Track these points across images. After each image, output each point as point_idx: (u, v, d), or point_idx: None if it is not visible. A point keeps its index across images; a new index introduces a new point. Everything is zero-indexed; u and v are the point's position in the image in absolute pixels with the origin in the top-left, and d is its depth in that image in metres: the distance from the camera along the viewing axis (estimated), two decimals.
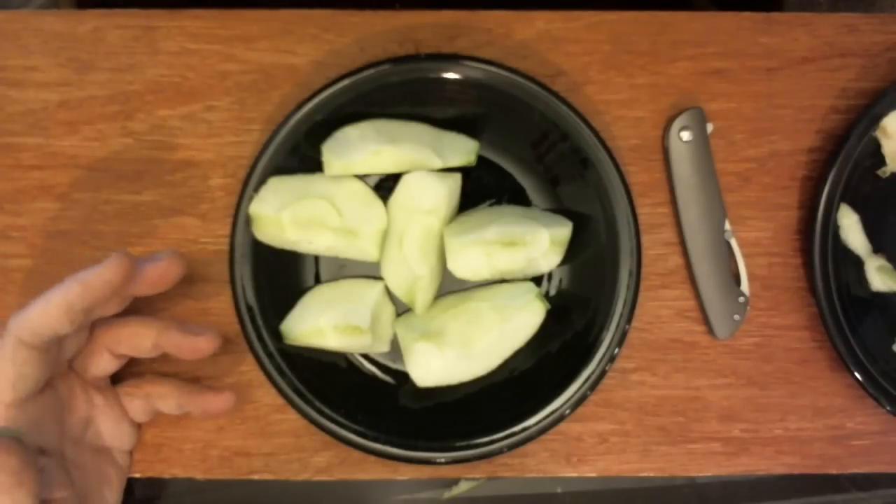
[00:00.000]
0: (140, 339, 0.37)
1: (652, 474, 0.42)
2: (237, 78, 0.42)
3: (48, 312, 0.33)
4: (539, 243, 0.39)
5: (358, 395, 0.40)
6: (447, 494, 0.43)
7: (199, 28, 0.43)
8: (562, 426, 0.39)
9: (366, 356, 0.42)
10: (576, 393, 0.38)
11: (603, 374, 0.38)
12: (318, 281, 0.42)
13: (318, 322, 0.38)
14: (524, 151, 0.41)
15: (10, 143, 0.42)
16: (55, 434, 0.36)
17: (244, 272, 0.38)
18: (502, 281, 0.42)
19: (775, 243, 0.43)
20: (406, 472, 0.41)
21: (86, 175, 0.42)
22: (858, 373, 0.40)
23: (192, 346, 0.36)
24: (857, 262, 0.43)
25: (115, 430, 0.39)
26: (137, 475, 0.41)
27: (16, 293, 0.42)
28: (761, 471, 0.42)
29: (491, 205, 0.42)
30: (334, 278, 0.42)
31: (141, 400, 0.39)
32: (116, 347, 0.37)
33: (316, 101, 0.38)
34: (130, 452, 0.41)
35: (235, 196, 0.38)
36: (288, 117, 0.38)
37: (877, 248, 0.43)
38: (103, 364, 0.38)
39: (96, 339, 0.37)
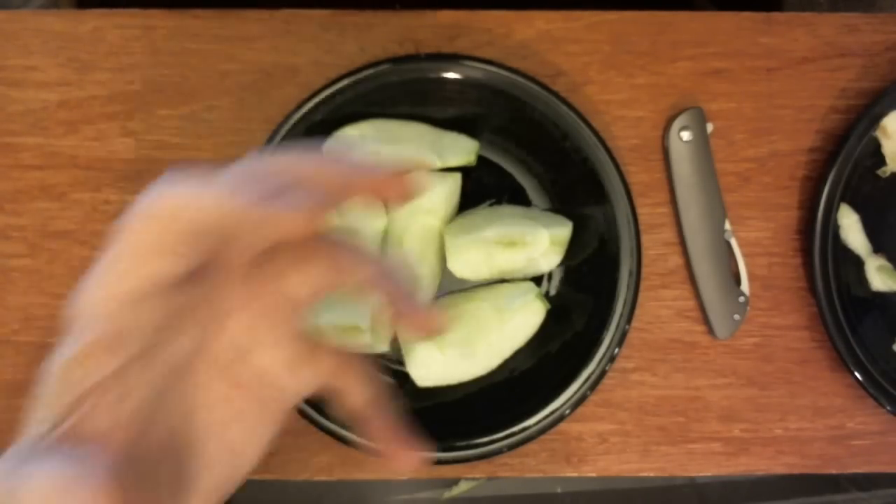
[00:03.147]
0: (356, 269, 0.26)
1: (652, 474, 0.42)
2: (237, 78, 0.42)
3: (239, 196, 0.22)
4: (539, 243, 0.39)
5: None
6: (447, 494, 0.43)
7: (199, 28, 0.43)
8: (562, 426, 0.39)
9: (366, 356, 0.42)
10: (576, 393, 0.38)
11: (603, 374, 0.38)
12: None
13: (318, 322, 0.38)
14: (524, 151, 0.41)
15: (10, 142, 0.42)
16: (191, 337, 0.26)
17: None
18: (502, 281, 0.42)
19: (775, 243, 0.43)
20: (406, 472, 0.41)
21: (85, 175, 0.42)
22: (858, 373, 0.40)
23: (412, 313, 0.26)
24: (857, 262, 0.43)
25: (284, 370, 0.28)
26: None
27: (16, 293, 0.42)
28: (761, 471, 0.42)
29: (491, 205, 0.42)
30: None
31: (325, 370, 0.29)
32: (323, 273, 0.27)
33: (316, 100, 0.38)
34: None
35: None
36: (288, 117, 0.38)
37: (877, 247, 0.43)
38: (301, 283, 0.27)
39: (288, 251, 0.27)
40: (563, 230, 0.40)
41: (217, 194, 0.22)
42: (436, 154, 0.39)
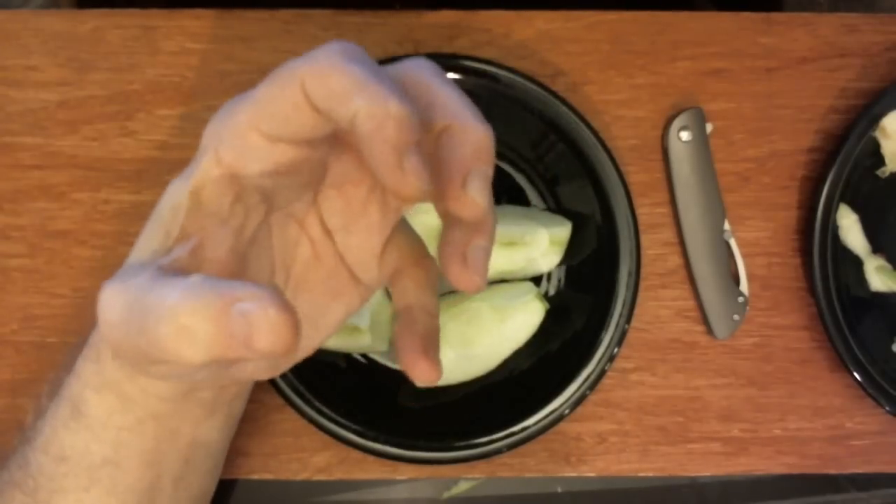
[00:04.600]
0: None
1: (651, 474, 0.42)
2: (237, 78, 0.42)
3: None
4: (538, 243, 0.39)
5: (357, 395, 0.40)
6: (446, 494, 0.43)
7: (199, 28, 0.43)
8: (561, 426, 0.39)
9: (365, 356, 0.42)
10: (575, 393, 0.38)
11: (602, 373, 0.38)
12: None
13: None
14: (523, 151, 0.41)
15: (9, 142, 0.42)
16: (297, 195, 0.26)
17: None
18: (502, 281, 0.42)
19: (775, 243, 0.43)
20: (405, 472, 0.41)
21: (85, 175, 0.42)
22: (858, 373, 0.40)
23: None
24: (857, 262, 0.43)
25: (364, 263, 0.28)
26: None
27: (15, 293, 0.42)
28: (760, 471, 0.42)
29: None
30: None
31: (392, 265, 0.28)
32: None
33: None
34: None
35: None
36: None
37: (876, 248, 0.43)
38: None
39: None
40: (562, 230, 0.40)
41: (368, 81, 0.21)
42: None
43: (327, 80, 0.21)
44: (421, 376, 0.28)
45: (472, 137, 0.22)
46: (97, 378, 0.28)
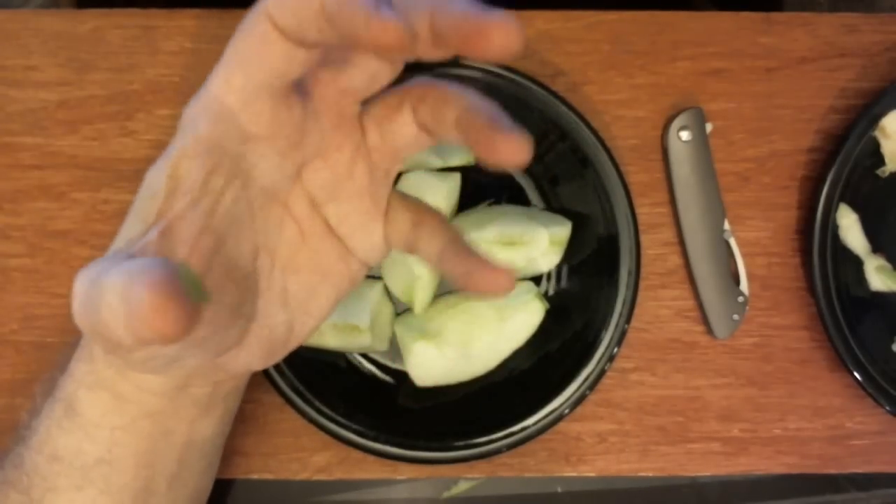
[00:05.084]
0: (447, 108, 0.25)
1: (651, 474, 0.42)
2: None
3: None
4: (538, 243, 0.39)
5: (357, 395, 0.40)
6: (446, 494, 0.43)
7: (198, 28, 0.43)
8: (561, 426, 0.39)
9: (365, 356, 0.42)
10: (575, 393, 0.38)
11: (602, 373, 0.38)
12: None
13: None
14: None
15: (9, 142, 0.42)
16: (276, 167, 0.26)
17: None
18: None
19: (774, 243, 0.43)
20: (405, 472, 0.41)
21: (85, 175, 0.42)
22: (857, 373, 0.40)
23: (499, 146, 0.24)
24: (857, 262, 0.43)
25: (360, 231, 0.28)
26: None
27: (15, 293, 0.42)
28: (760, 471, 0.42)
29: (490, 204, 0.42)
30: None
31: (406, 220, 0.28)
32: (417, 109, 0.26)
33: None
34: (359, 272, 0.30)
35: None
36: None
37: (876, 247, 0.43)
38: (403, 126, 0.26)
39: (394, 92, 0.26)
40: (562, 230, 0.40)
41: None
42: (435, 154, 0.39)
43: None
44: (503, 285, 0.26)
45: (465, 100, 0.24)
46: (90, 377, 0.27)
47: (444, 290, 0.42)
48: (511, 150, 0.24)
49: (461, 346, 0.39)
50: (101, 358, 0.27)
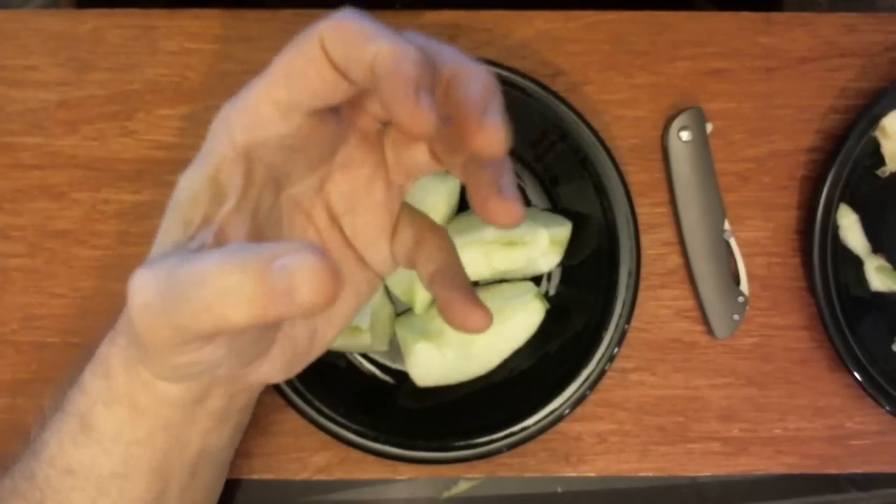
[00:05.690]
0: (457, 153, 0.26)
1: (651, 474, 0.42)
2: (237, 78, 0.42)
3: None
4: (538, 243, 0.39)
5: (357, 395, 0.40)
6: (446, 494, 0.43)
7: (199, 28, 0.43)
8: (561, 426, 0.39)
9: (365, 356, 0.42)
10: (575, 393, 0.38)
11: (602, 373, 0.38)
12: None
13: None
14: (523, 151, 0.41)
15: (9, 142, 0.42)
16: (305, 178, 0.27)
17: None
18: (502, 281, 0.42)
19: (774, 243, 0.43)
20: (405, 472, 0.41)
21: (85, 174, 0.42)
22: (857, 373, 0.40)
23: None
24: (857, 262, 0.43)
25: (374, 245, 0.29)
26: None
27: (15, 293, 0.42)
28: (760, 470, 0.42)
29: None
30: None
31: (409, 236, 0.29)
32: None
33: None
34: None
35: None
36: None
37: (876, 247, 0.43)
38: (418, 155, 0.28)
39: None
40: (562, 230, 0.40)
41: (385, 32, 0.22)
42: None
43: (345, 31, 0.22)
44: (476, 323, 0.27)
45: (481, 78, 0.23)
46: (108, 393, 0.28)
47: None
48: (502, 214, 0.25)
49: (461, 346, 0.39)
50: (120, 373, 0.27)
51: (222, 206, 0.24)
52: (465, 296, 0.27)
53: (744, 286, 0.42)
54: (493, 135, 0.22)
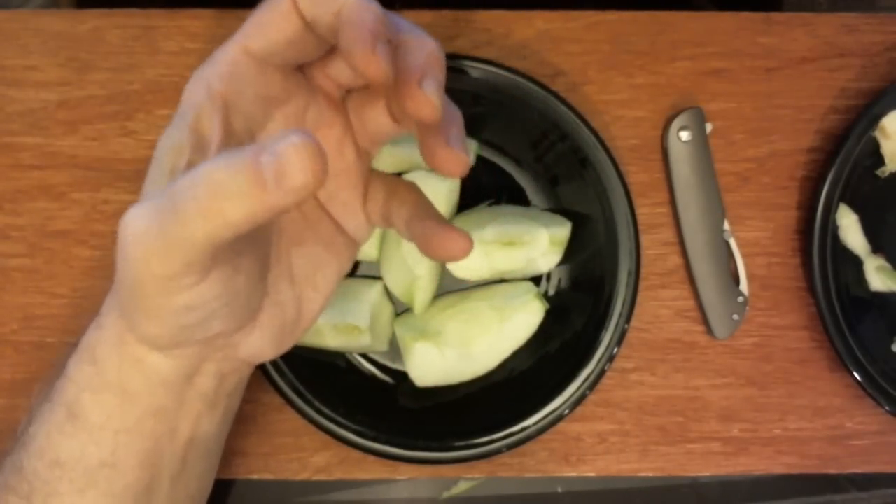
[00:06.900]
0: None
1: (651, 474, 0.42)
2: None
3: None
4: (538, 243, 0.39)
5: (357, 395, 0.40)
6: (446, 494, 0.43)
7: (198, 28, 0.43)
8: (561, 426, 0.39)
9: (365, 356, 0.42)
10: (575, 393, 0.38)
11: (602, 373, 0.38)
12: None
13: (317, 321, 0.38)
14: (523, 151, 0.41)
15: (9, 142, 0.42)
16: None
17: None
18: (501, 281, 0.42)
19: (774, 243, 0.43)
20: (405, 472, 0.41)
21: (85, 175, 0.42)
22: (857, 373, 0.40)
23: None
24: (857, 262, 0.43)
25: (348, 208, 0.31)
26: None
27: (15, 293, 0.42)
28: (760, 471, 0.42)
29: (490, 204, 0.42)
30: None
31: (380, 192, 0.31)
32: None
33: None
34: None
35: None
36: None
37: (876, 247, 0.43)
38: (378, 118, 0.29)
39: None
40: (562, 230, 0.40)
41: None
42: None
43: None
44: (459, 247, 0.28)
45: (426, 48, 0.25)
46: (96, 380, 0.27)
47: (444, 291, 0.42)
48: (450, 162, 0.26)
49: (461, 346, 0.39)
50: (109, 354, 0.27)
51: (204, 154, 0.25)
52: (442, 226, 0.28)
53: (744, 286, 0.42)
54: (423, 101, 0.24)
